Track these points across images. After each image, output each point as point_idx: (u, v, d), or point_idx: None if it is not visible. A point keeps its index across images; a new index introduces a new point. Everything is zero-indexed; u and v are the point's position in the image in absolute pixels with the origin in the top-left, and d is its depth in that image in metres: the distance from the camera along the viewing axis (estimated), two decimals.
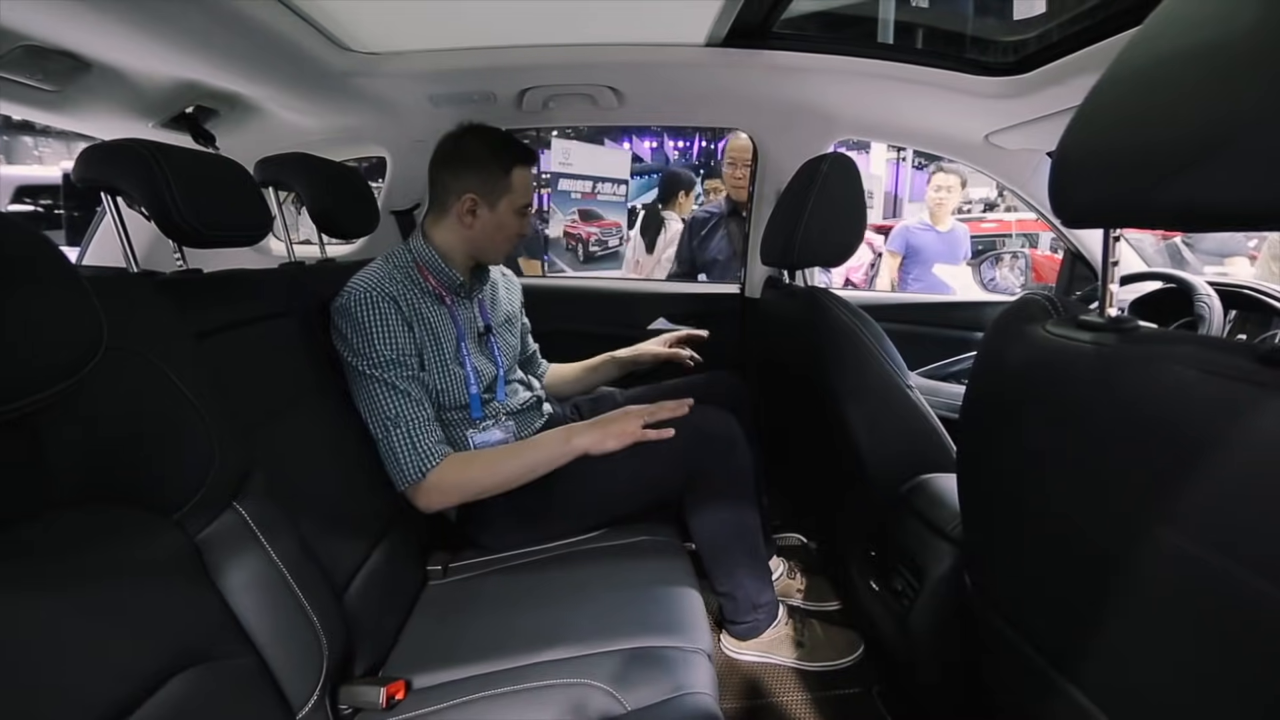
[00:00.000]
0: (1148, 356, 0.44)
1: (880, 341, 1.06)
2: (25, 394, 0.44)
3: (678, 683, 0.77)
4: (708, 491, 1.11)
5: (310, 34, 1.08)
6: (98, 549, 0.53)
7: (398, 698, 0.79)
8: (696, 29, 1.19)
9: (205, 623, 0.61)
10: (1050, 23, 1.16)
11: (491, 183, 1.09)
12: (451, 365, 1.10)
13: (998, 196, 5.68)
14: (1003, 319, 0.62)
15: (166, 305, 0.69)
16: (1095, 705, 0.50)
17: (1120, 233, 0.52)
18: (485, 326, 1.20)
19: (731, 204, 2.23)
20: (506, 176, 1.09)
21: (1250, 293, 1.25)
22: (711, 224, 2.27)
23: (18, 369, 0.43)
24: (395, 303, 1.03)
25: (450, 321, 1.11)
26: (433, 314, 1.09)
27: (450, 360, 1.10)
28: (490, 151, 1.08)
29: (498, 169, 1.08)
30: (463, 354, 1.11)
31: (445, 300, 1.12)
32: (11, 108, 1.03)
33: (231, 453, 0.68)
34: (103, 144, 0.77)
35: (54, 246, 0.48)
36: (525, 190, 1.12)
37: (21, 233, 0.46)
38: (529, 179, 1.12)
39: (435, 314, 1.09)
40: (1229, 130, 0.35)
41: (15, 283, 0.44)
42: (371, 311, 1.01)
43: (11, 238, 0.44)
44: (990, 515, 0.67)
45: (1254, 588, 0.36)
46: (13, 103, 1.00)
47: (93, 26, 0.84)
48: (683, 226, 2.51)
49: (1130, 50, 0.44)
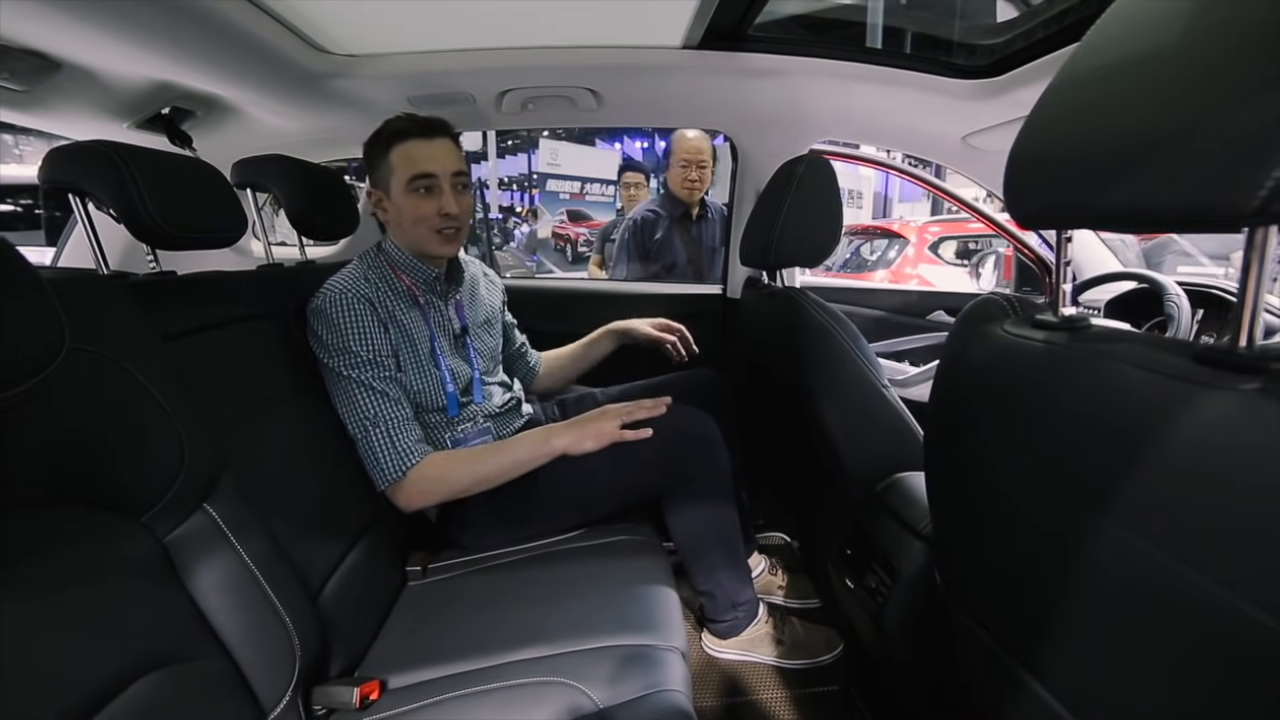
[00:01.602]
0: (1094, 355, 0.45)
1: (855, 341, 1.07)
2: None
3: (651, 680, 0.77)
4: (686, 491, 1.11)
5: (286, 36, 1.08)
6: (61, 550, 0.53)
7: (372, 698, 0.79)
8: (672, 31, 1.19)
9: (173, 624, 0.61)
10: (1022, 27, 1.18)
11: (380, 171, 1.08)
12: (427, 366, 1.10)
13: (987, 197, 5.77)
14: (963, 319, 0.63)
15: (136, 307, 0.69)
16: (1058, 701, 0.51)
17: (1071, 234, 0.53)
18: (461, 328, 1.19)
19: (682, 206, 2.07)
20: (387, 157, 1.05)
21: (1218, 292, 1.28)
22: (664, 227, 2.09)
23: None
24: (370, 304, 1.04)
25: (423, 323, 1.11)
26: (406, 316, 1.09)
27: (425, 362, 1.10)
28: (371, 142, 1.07)
29: (379, 156, 1.07)
30: (437, 355, 1.11)
31: (419, 301, 1.12)
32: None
33: (201, 454, 0.68)
34: (69, 145, 0.76)
35: (12, 247, 0.48)
36: (408, 162, 1.05)
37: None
38: (412, 150, 1.05)
39: (408, 316, 1.09)
40: (1163, 136, 0.36)
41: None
42: (347, 313, 1.01)
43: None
44: (956, 513, 0.68)
45: (1188, 580, 0.37)
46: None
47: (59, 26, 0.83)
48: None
49: (1076, 58, 0.46)
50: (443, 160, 1.06)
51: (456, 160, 1.08)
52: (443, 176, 1.06)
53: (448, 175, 1.06)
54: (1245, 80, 0.32)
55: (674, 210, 2.09)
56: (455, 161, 1.08)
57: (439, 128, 1.07)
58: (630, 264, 2.13)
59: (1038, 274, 1.99)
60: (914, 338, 1.93)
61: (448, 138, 1.08)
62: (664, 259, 2.11)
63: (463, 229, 1.11)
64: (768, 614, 1.27)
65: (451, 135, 1.10)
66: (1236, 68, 0.33)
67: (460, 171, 1.08)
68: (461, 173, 1.09)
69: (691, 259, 2.11)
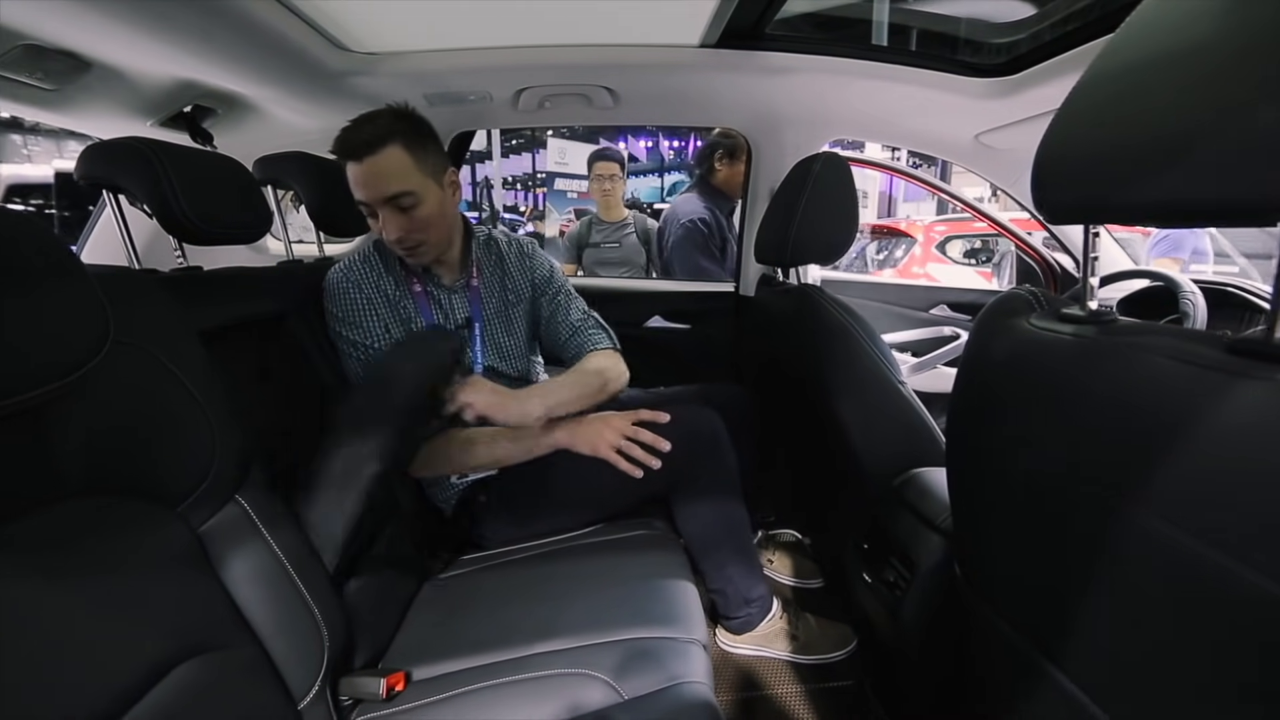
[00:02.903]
0: (1125, 347, 0.46)
1: (872, 338, 1.08)
2: (34, 387, 0.45)
3: (674, 672, 0.78)
4: (694, 489, 1.11)
5: (309, 34, 1.09)
6: (103, 540, 0.54)
7: (398, 689, 0.80)
8: (691, 30, 1.20)
9: (209, 613, 0.62)
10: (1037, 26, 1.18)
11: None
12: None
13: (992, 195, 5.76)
14: (988, 314, 0.64)
15: (169, 301, 0.70)
16: (1081, 690, 0.51)
17: (1099, 229, 0.54)
18: (465, 319, 1.16)
19: (730, 203, 2.03)
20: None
21: (1234, 290, 1.27)
22: (721, 226, 2.05)
23: (26, 362, 0.44)
24: (378, 280, 1.08)
25: (418, 309, 1.12)
26: (405, 302, 1.11)
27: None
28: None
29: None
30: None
31: (415, 288, 1.12)
32: (10, 106, 1.04)
33: (233, 446, 0.69)
34: (104, 142, 0.78)
35: (63, 244, 0.49)
36: (355, 186, 0.98)
37: (33, 230, 0.47)
38: (350, 175, 0.97)
39: (405, 300, 1.11)
40: (1195, 131, 0.37)
41: (27, 278, 0.45)
42: (353, 288, 1.06)
43: (24, 234, 0.46)
44: (978, 503, 0.68)
45: (1221, 567, 0.37)
46: (11, 101, 1.01)
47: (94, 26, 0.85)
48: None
49: (1106, 55, 0.46)
50: (373, 185, 0.96)
51: (390, 181, 0.96)
52: (374, 204, 0.98)
53: (380, 202, 0.97)
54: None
55: (724, 207, 2.05)
56: (387, 183, 0.96)
57: (366, 145, 0.94)
58: (703, 267, 1.99)
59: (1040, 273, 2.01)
60: (916, 330, 1.94)
61: (377, 153, 0.94)
62: (729, 260, 2.01)
63: (424, 243, 1.03)
64: (781, 610, 1.28)
65: (388, 144, 0.95)
66: (1275, 59, 0.33)
67: (397, 194, 0.97)
68: (400, 194, 0.97)
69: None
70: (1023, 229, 2.12)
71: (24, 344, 0.44)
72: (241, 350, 0.86)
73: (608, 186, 2.37)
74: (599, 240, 2.41)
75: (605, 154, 2.40)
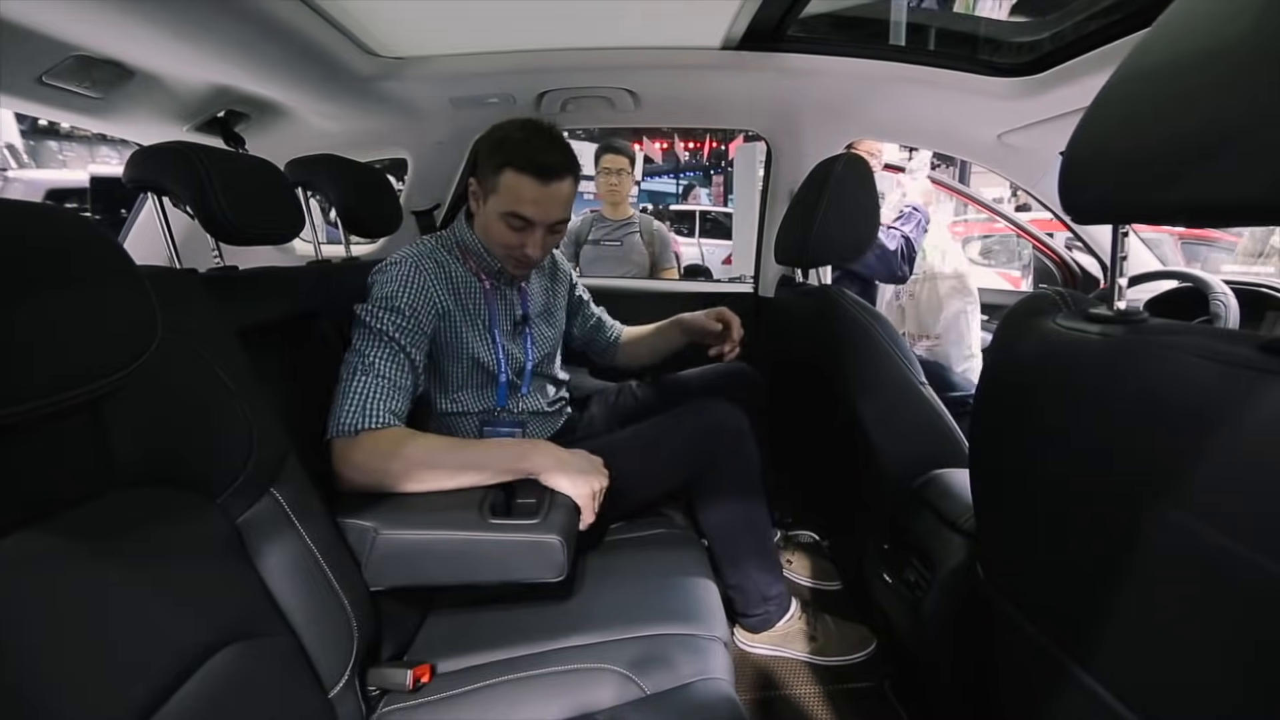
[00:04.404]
0: (1154, 346, 0.46)
1: (894, 339, 1.07)
2: (93, 379, 0.47)
3: (695, 668, 0.79)
4: (715, 484, 1.12)
5: (339, 39, 1.12)
6: (153, 528, 0.56)
7: (424, 680, 0.81)
8: (713, 32, 1.21)
9: (247, 601, 0.64)
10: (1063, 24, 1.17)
11: (485, 175, 1.02)
12: (480, 345, 1.08)
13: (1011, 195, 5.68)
14: (1014, 314, 0.64)
15: (209, 299, 0.73)
16: (1108, 691, 0.51)
17: (1128, 229, 0.54)
18: (522, 315, 1.18)
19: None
20: (496, 175, 1.00)
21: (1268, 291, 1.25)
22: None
23: (87, 356, 0.47)
24: (440, 269, 1.04)
25: (484, 303, 1.10)
26: (471, 291, 1.09)
27: (480, 340, 1.08)
28: (492, 145, 1.01)
29: (490, 164, 1.00)
30: (495, 334, 1.10)
31: (483, 281, 1.11)
32: (59, 114, 1.09)
33: (269, 440, 0.71)
34: (151, 147, 0.81)
35: (118, 244, 0.51)
36: (512, 198, 0.99)
37: (91, 232, 0.49)
38: (522, 188, 0.98)
39: (473, 292, 1.09)
40: (1231, 130, 0.37)
41: (86, 277, 0.47)
42: (413, 271, 1.00)
43: (83, 236, 0.48)
44: (1002, 502, 0.68)
45: (1256, 565, 0.37)
46: (60, 109, 1.05)
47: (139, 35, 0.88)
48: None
49: (1139, 52, 0.46)
50: (548, 210, 1.01)
51: (562, 208, 1.03)
52: (541, 223, 1.02)
53: (546, 224, 1.03)
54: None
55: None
56: (561, 210, 1.03)
57: (559, 170, 0.99)
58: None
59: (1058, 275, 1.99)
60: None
61: (564, 181, 1.01)
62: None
63: (540, 261, 1.08)
64: (800, 610, 1.28)
65: (572, 176, 1.02)
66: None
67: (560, 221, 1.04)
68: (561, 221, 1.05)
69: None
70: (1040, 230, 2.10)
71: (90, 339, 0.47)
72: (273, 348, 0.89)
73: (614, 181, 2.22)
74: (599, 237, 2.28)
75: (613, 146, 2.24)
